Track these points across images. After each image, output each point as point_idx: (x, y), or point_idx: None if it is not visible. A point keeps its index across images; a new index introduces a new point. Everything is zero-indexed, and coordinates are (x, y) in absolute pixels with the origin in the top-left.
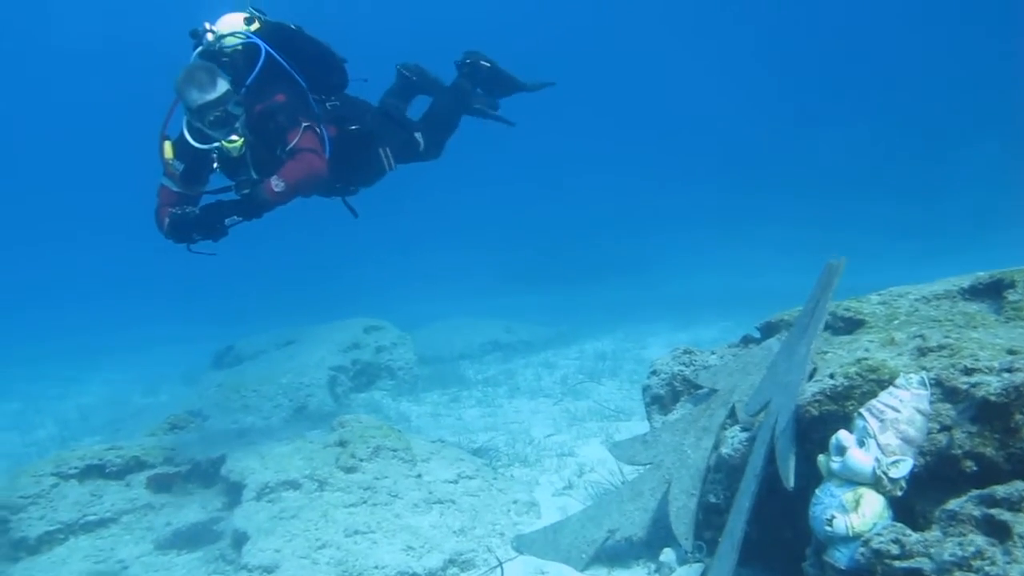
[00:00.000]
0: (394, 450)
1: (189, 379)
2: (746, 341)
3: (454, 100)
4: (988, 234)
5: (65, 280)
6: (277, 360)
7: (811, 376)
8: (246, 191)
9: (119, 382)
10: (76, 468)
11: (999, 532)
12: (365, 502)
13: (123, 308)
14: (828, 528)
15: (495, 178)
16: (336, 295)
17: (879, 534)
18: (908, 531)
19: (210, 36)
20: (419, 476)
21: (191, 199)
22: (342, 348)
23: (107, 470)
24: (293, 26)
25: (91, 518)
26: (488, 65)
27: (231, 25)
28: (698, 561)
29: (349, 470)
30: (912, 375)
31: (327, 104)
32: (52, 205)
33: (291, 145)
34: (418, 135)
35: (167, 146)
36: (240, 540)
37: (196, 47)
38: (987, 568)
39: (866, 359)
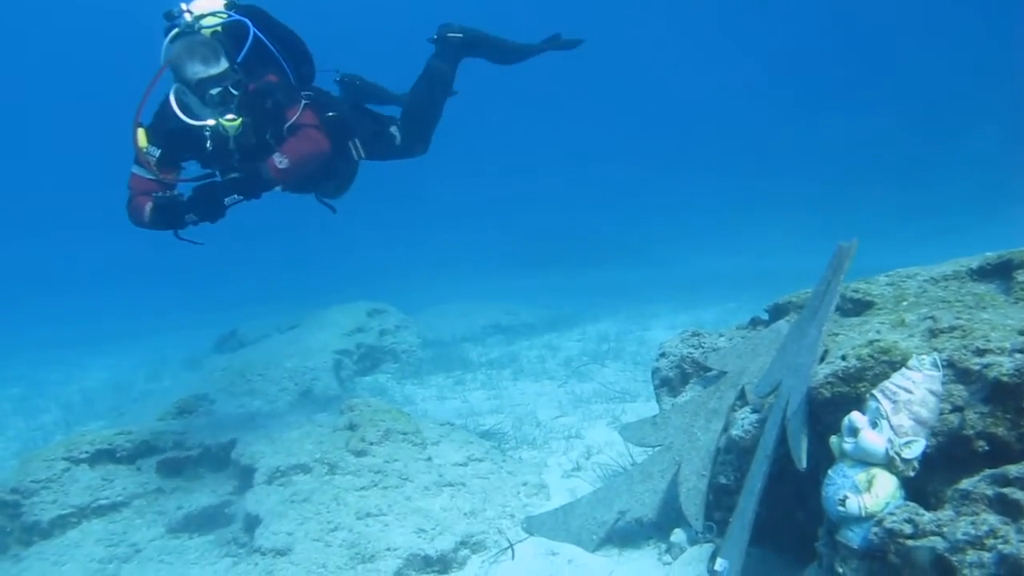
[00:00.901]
0: (404, 433)
1: (192, 364)
2: (755, 323)
3: (429, 86)
4: (989, 215)
5: (64, 268)
6: (281, 344)
7: (822, 358)
8: (234, 175)
9: (121, 367)
10: (87, 452)
11: (1012, 511)
12: (376, 485)
13: (122, 296)
14: (841, 508)
15: (495, 163)
16: (337, 280)
17: (892, 514)
18: (921, 510)
19: (188, 16)
20: (429, 459)
21: (168, 187)
22: (346, 332)
23: (117, 454)
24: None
25: (103, 502)
26: (460, 36)
27: (209, 6)
28: (709, 542)
29: (359, 454)
30: (924, 356)
31: (302, 93)
32: (51, 193)
33: (292, 121)
34: (393, 129)
35: (141, 133)
36: (252, 523)
37: (170, 29)
38: (1000, 546)
39: (878, 341)
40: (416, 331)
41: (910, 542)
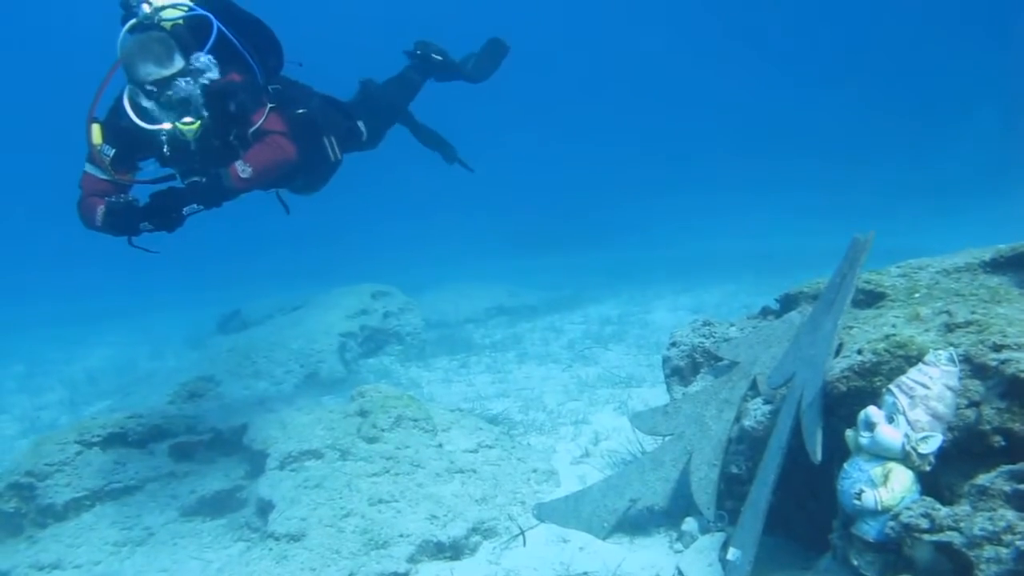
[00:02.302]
0: (415, 420)
1: (194, 343)
2: (765, 313)
3: (399, 90)
4: (989, 196)
5: (60, 246)
6: (285, 326)
7: (837, 352)
8: (195, 179)
9: (123, 345)
10: (99, 436)
11: None
12: (388, 471)
13: (114, 274)
14: (857, 502)
15: (495, 142)
16: (336, 260)
17: (909, 508)
18: (938, 505)
19: (147, 7)
20: (440, 446)
21: (122, 188)
22: (350, 314)
23: (129, 438)
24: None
25: (116, 485)
26: (440, 59)
27: None
28: (720, 530)
29: (371, 440)
30: (941, 351)
31: (269, 87)
32: (47, 169)
33: (256, 127)
34: (360, 124)
35: (95, 129)
36: (265, 508)
37: (126, 20)
38: (1018, 542)
39: (894, 335)
40: (420, 313)
41: (926, 536)
